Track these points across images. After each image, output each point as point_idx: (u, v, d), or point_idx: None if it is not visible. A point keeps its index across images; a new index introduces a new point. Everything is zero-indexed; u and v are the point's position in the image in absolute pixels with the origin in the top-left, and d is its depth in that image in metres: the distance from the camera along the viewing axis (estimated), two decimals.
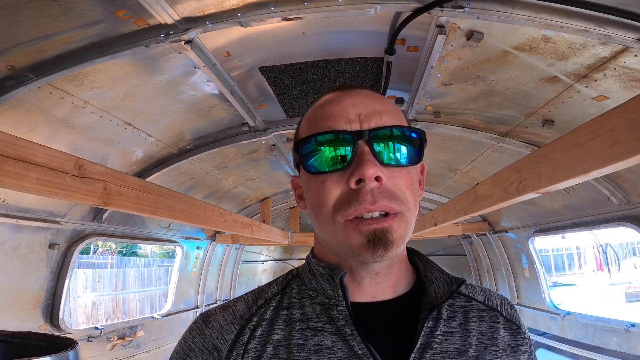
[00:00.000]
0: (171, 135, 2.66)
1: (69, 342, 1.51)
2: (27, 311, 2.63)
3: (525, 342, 0.62)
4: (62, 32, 1.58)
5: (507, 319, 0.63)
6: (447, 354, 0.55)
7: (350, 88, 0.60)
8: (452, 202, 2.69)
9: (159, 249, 16.08)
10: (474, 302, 0.63)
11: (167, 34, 1.71)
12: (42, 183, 1.20)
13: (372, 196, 0.50)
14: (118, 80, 1.97)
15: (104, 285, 9.08)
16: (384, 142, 0.54)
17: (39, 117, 1.97)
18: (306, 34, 1.86)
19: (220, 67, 2.03)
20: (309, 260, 0.64)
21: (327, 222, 0.54)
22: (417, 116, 2.63)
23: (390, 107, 0.58)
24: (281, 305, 0.60)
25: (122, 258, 13.15)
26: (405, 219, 0.53)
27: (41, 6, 1.42)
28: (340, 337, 0.54)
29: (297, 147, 0.56)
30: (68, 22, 1.53)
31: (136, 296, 9.70)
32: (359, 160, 0.51)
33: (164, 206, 1.87)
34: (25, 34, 1.54)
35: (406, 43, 1.93)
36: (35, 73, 1.73)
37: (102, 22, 1.59)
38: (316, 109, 0.60)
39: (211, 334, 0.57)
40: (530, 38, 1.74)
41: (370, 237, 0.51)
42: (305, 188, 0.59)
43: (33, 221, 2.44)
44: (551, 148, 1.47)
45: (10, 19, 1.45)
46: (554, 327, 3.49)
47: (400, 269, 0.60)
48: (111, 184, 1.49)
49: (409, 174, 0.55)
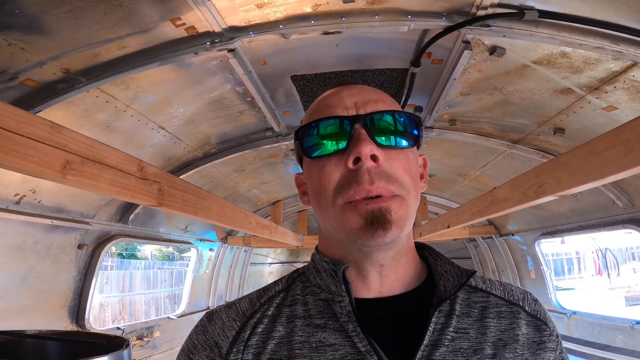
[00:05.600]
0: (199, 139, 2.76)
1: (122, 341, 1.58)
2: (56, 311, 2.68)
3: (553, 339, 0.60)
4: (120, 37, 1.65)
5: (530, 315, 0.60)
6: (460, 351, 0.53)
7: (348, 83, 0.62)
8: (467, 205, 2.83)
9: (158, 252, 16.06)
10: (492, 297, 0.61)
11: (213, 42, 1.80)
12: (113, 184, 1.30)
13: (369, 176, 0.51)
14: (160, 85, 2.06)
15: (112, 287, 9.10)
16: (380, 124, 0.55)
17: (83, 119, 2.05)
18: (340, 45, 1.99)
19: (255, 74, 2.14)
20: (314, 256, 0.63)
21: (327, 207, 0.54)
22: (434, 123, 2.76)
23: (385, 97, 0.60)
24: (285, 302, 0.60)
25: (122, 261, 13.13)
26: (405, 202, 0.52)
27: (107, 10, 1.48)
28: (343, 333, 0.53)
29: (298, 135, 0.58)
30: (127, 28, 1.60)
31: (142, 298, 9.72)
32: (356, 141, 0.52)
33: (203, 207, 1.98)
34: (86, 38, 1.60)
35: (432, 56, 2.07)
36: (87, 77, 1.80)
37: (155, 28, 1.65)
38: (316, 103, 0.62)
39: (213, 330, 0.58)
40: (549, 53, 1.87)
41: (368, 218, 0.50)
42: (308, 177, 0.60)
43: (66, 221, 2.52)
44: (570, 156, 1.62)
45: (74, 22, 1.50)
46: (561, 327, 3.63)
47: (408, 262, 0.59)
48: (164, 186, 1.59)
49: (407, 157, 0.55)
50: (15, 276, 2.37)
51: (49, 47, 1.60)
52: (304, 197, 0.64)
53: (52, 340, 1.66)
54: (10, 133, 0.94)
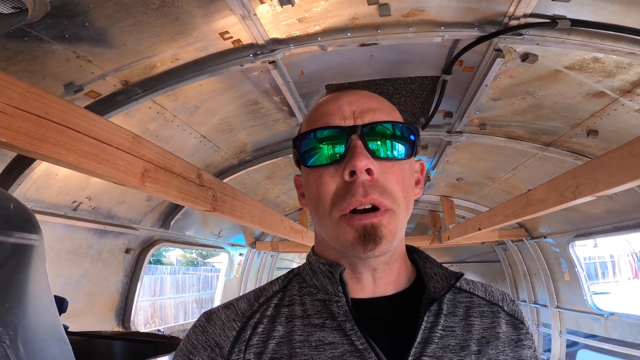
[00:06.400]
0: (235, 147, 2.91)
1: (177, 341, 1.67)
2: (105, 313, 2.84)
3: (529, 337, 0.63)
4: (175, 49, 1.74)
5: (509, 314, 0.64)
6: (449, 348, 0.56)
7: (348, 89, 0.63)
8: (501, 207, 2.85)
9: (182, 257, 16.44)
10: (475, 297, 0.64)
11: (256, 54, 1.90)
12: (179, 190, 1.42)
13: (363, 189, 0.53)
14: (204, 96, 2.19)
15: (144, 291, 9.41)
16: (377, 136, 0.56)
17: (137, 129, 2.16)
18: (374, 56, 2.08)
19: (293, 84, 2.26)
20: (310, 258, 0.65)
21: (325, 217, 0.56)
22: (464, 128, 2.81)
23: (385, 106, 0.61)
24: (282, 302, 0.61)
25: (150, 266, 13.54)
26: (395, 216, 0.55)
27: (165, 24, 1.56)
28: (341, 332, 0.56)
29: (296, 143, 0.59)
30: (181, 41, 1.70)
31: (171, 302, 10.00)
32: (352, 153, 0.54)
33: (248, 212, 2.10)
34: (145, 50, 1.68)
35: (463, 64, 2.13)
36: (142, 88, 1.91)
37: (204, 40, 1.74)
38: (314, 109, 0.63)
39: (213, 330, 0.58)
40: (582, 59, 1.91)
41: (361, 232, 0.53)
42: (305, 184, 0.62)
43: (116, 227, 2.70)
44: (607, 157, 1.66)
45: (137, 35, 1.57)
46: (597, 328, 3.57)
47: (400, 265, 0.62)
48: (217, 192, 1.72)
49: (401, 169, 0.57)
50: (72, 279, 2.55)
51: (113, 60, 1.69)
52: (302, 200, 0.67)
53: (119, 340, 1.78)
54: (102, 144, 1.07)
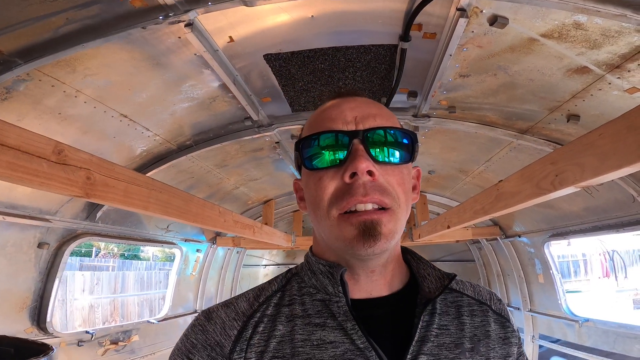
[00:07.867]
0: (170, 129, 2.51)
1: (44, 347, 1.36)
2: (13, 313, 2.48)
3: (515, 335, 0.66)
4: (55, 13, 1.45)
5: (496, 313, 0.66)
6: (444, 346, 0.58)
7: (349, 94, 0.64)
8: (469, 201, 2.52)
9: (161, 253, 15.95)
10: (465, 297, 0.66)
11: (166, 16, 1.58)
12: (13, 167, 1.06)
13: (364, 189, 0.53)
14: (113, 68, 1.83)
15: (103, 287, 8.91)
16: (377, 141, 0.57)
17: (28, 106, 1.84)
18: (315, 17, 1.72)
19: (223, 54, 1.89)
20: (309, 258, 0.65)
21: (323, 217, 0.57)
22: (431, 111, 2.48)
23: (384, 112, 0.62)
24: (282, 302, 0.61)
25: (124, 261, 13.00)
26: (395, 216, 0.55)
27: None
28: (342, 331, 0.56)
29: (298, 146, 0.60)
30: (62, 3, 1.41)
31: (135, 299, 9.51)
32: (354, 156, 0.54)
33: (158, 201, 1.72)
34: (16, 16, 1.42)
35: (422, 29, 1.79)
36: (24, 58, 1.61)
37: (97, 2, 1.46)
38: (317, 114, 0.64)
39: (214, 330, 0.57)
40: (560, 24, 1.59)
41: (361, 228, 0.53)
42: (305, 186, 0.62)
43: (21, 218, 2.30)
44: (597, 135, 1.27)
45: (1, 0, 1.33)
46: (570, 334, 3.30)
47: (395, 267, 0.63)
48: (96, 173, 1.34)
49: (401, 173, 0.58)
50: None
51: None
52: (301, 203, 0.67)
53: None
54: None
